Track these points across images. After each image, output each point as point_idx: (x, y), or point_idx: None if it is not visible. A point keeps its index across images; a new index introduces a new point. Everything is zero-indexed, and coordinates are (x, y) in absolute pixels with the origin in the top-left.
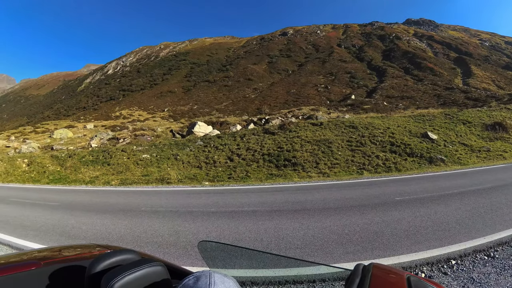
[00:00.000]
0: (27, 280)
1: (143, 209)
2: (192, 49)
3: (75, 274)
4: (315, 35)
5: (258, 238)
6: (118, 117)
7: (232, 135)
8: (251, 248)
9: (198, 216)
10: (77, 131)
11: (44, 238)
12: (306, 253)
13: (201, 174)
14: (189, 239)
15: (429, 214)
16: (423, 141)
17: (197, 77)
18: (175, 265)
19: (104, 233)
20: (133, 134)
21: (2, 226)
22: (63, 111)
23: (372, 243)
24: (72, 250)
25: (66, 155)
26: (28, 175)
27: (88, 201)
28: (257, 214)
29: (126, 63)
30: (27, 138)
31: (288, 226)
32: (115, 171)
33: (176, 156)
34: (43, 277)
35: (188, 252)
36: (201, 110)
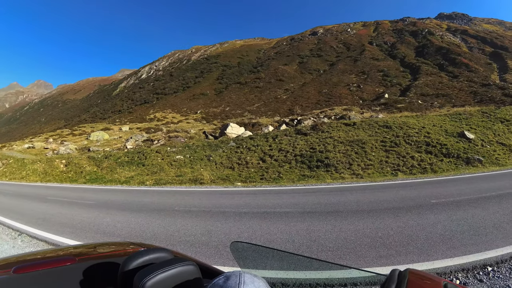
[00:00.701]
0: (62, 275)
1: (177, 208)
2: (223, 52)
3: (109, 270)
4: (346, 33)
5: (290, 240)
6: (152, 119)
7: (264, 136)
8: (282, 250)
9: (230, 216)
10: (113, 133)
11: (80, 235)
12: (338, 256)
13: (233, 175)
14: (221, 239)
15: (465, 217)
16: (460, 141)
17: (229, 79)
18: (206, 264)
19: (138, 231)
20: (167, 136)
21: (40, 223)
22: (99, 114)
23: (406, 247)
24: (106, 247)
25: (103, 156)
26: (65, 175)
27: (123, 200)
28: (289, 215)
29: (159, 67)
30: (65, 140)
31: (320, 228)
32: (149, 171)
33: (209, 157)
34: (77, 273)
35: (219, 252)
36: (233, 111)
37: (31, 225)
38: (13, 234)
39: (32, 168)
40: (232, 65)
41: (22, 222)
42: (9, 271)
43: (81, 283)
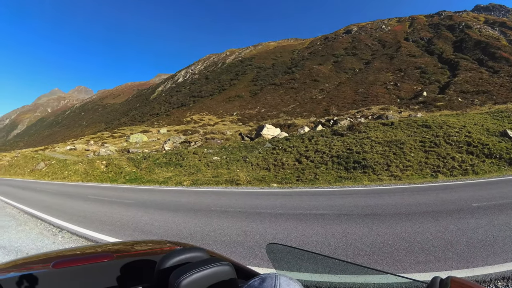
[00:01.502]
0: (100, 271)
1: (213, 208)
2: (257, 54)
3: (145, 268)
4: (380, 30)
5: (326, 242)
6: (189, 122)
7: (300, 137)
8: (317, 253)
9: (266, 217)
10: (151, 135)
11: (118, 233)
12: (375, 260)
13: (269, 176)
14: (256, 239)
15: (508, 222)
16: (502, 140)
17: (263, 80)
18: (241, 265)
19: (175, 230)
20: (204, 138)
21: (81, 220)
22: (138, 118)
23: (445, 253)
24: (143, 245)
25: (141, 158)
26: (106, 175)
27: (161, 200)
28: (325, 217)
29: (195, 71)
30: (105, 142)
31: (357, 231)
32: (187, 172)
33: (245, 158)
34: (115, 269)
35: (254, 253)
36: (268, 113)
37: (72, 222)
38: (54, 230)
39: (74, 168)
40: (266, 67)
41: (63, 219)
42: (48, 266)
43: (118, 279)
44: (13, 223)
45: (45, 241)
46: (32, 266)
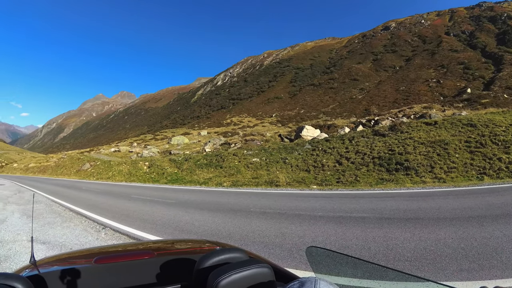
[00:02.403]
0: (140, 268)
1: (252, 209)
2: (295, 55)
3: (184, 266)
4: (420, 25)
5: (366, 247)
6: (229, 124)
7: (340, 138)
8: (357, 257)
9: (305, 219)
10: (192, 137)
11: (159, 231)
12: (416, 266)
13: (309, 177)
14: (295, 241)
15: None
16: None
17: (302, 81)
18: (280, 267)
19: (215, 230)
20: (243, 139)
21: (123, 219)
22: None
23: (489, 261)
24: (183, 244)
25: (183, 159)
26: (148, 176)
27: (201, 200)
28: (365, 221)
29: (233, 73)
30: (148, 144)
31: (398, 236)
32: (227, 173)
33: (285, 160)
34: (155, 267)
35: (292, 255)
36: (308, 114)
37: (115, 220)
38: (97, 227)
39: (118, 169)
40: (304, 67)
41: (107, 217)
42: (90, 261)
43: (157, 276)
44: (58, 220)
45: (88, 237)
46: (75, 261)
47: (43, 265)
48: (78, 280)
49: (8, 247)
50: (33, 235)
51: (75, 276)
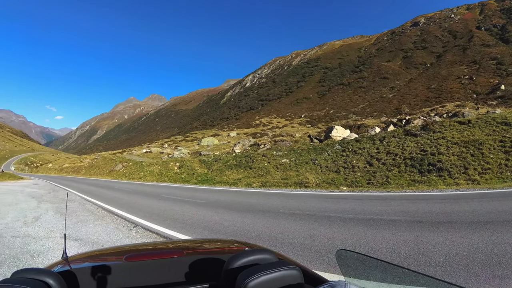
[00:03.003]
0: (170, 266)
1: (281, 210)
2: (323, 54)
3: (213, 266)
4: (449, 20)
5: (396, 250)
6: (258, 125)
7: (371, 138)
8: (387, 261)
9: (335, 221)
10: (222, 138)
11: (189, 230)
12: (447, 272)
13: (339, 179)
14: (324, 244)
15: None
16: None
17: (331, 81)
18: (308, 269)
19: (243, 231)
20: (272, 140)
21: (154, 218)
22: (209, 122)
23: None
24: (212, 244)
25: (213, 160)
26: (179, 176)
27: (231, 200)
28: (396, 223)
29: (262, 75)
30: (179, 145)
31: (430, 240)
32: (256, 174)
33: (314, 161)
34: (184, 265)
35: (321, 257)
36: (337, 114)
37: (146, 218)
38: (128, 226)
39: (149, 170)
40: (333, 67)
41: (138, 216)
42: (121, 258)
43: (186, 275)
44: (91, 218)
45: (120, 235)
46: (106, 258)
47: (75, 261)
48: (108, 276)
49: (41, 243)
50: (66, 232)
51: (105, 273)
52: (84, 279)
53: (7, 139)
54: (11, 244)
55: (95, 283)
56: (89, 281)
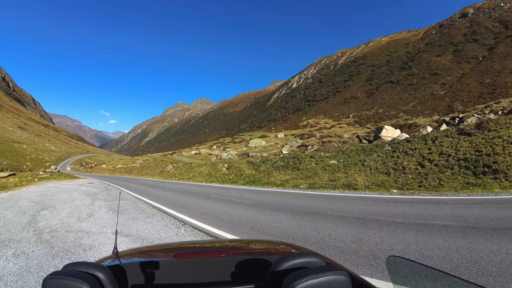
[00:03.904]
0: (216, 265)
1: (329, 213)
2: (369, 52)
3: (259, 267)
4: (499, 9)
5: (447, 258)
6: (305, 126)
7: (422, 138)
8: (438, 269)
9: (384, 225)
10: (269, 140)
11: (236, 230)
12: (500, 283)
13: (389, 181)
14: (372, 248)
15: None
16: None
17: (379, 79)
18: (356, 274)
19: (290, 232)
20: (320, 141)
21: (202, 217)
22: (256, 124)
23: None
24: (258, 244)
25: (260, 161)
26: (227, 177)
27: (278, 201)
28: (448, 229)
29: (308, 75)
30: (227, 147)
31: (484, 248)
32: (303, 175)
33: (363, 162)
34: (231, 265)
35: (369, 262)
36: (386, 113)
37: (194, 217)
38: (177, 224)
39: (198, 170)
40: (380, 64)
41: (187, 214)
42: (169, 255)
43: (232, 274)
44: (142, 216)
45: (169, 232)
46: (155, 254)
47: (125, 256)
48: (156, 272)
49: (94, 238)
50: (118, 229)
51: (154, 269)
52: (133, 274)
53: (63, 142)
54: (64, 238)
55: (143, 278)
56: (137, 276)
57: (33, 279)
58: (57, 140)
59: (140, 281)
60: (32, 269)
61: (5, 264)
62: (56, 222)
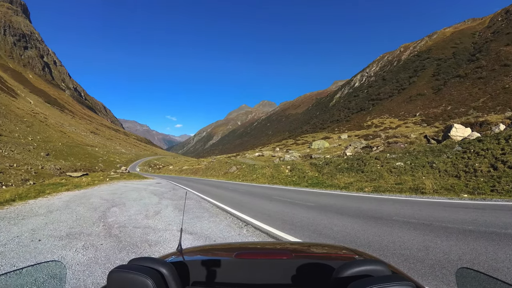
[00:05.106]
0: (277, 267)
1: (395, 218)
2: (433, 44)
3: (320, 271)
4: None
5: None
6: (369, 126)
7: (495, 137)
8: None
9: (453, 233)
10: (332, 141)
11: (298, 232)
12: None
13: (459, 184)
14: (439, 258)
15: None
16: None
17: (445, 73)
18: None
19: (353, 237)
20: (385, 142)
21: (265, 218)
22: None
23: None
24: (320, 248)
25: (323, 163)
26: (289, 179)
27: (341, 205)
28: None
29: (370, 73)
30: (289, 149)
31: None
32: (368, 178)
33: (432, 164)
34: (292, 268)
35: (434, 272)
36: (455, 110)
37: (257, 218)
38: (240, 224)
39: (261, 172)
40: (446, 57)
41: (249, 215)
42: (231, 255)
43: (293, 278)
44: (206, 215)
45: (231, 232)
46: (217, 253)
47: (188, 253)
48: (218, 270)
49: (159, 234)
50: (182, 227)
51: (215, 267)
52: (195, 271)
53: (133, 145)
54: (132, 233)
55: (205, 275)
56: (200, 273)
57: (99, 269)
58: (127, 143)
59: (201, 278)
60: (99, 261)
61: (74, 255)
62: (124, 218)
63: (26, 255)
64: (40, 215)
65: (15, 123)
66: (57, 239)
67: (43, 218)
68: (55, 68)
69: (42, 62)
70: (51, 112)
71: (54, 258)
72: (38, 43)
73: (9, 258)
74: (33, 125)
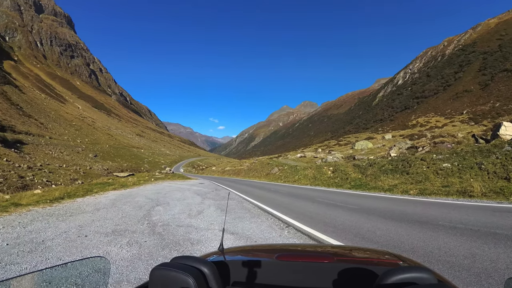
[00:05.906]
0: (318, 271)
1: (440, 223)
2: (478, 37)
3: (363, 277)
4: None
5: None
6: (414, 125)
7: None
8: None
9: (501, 240)
10: (376, 141)
11: (340, 236)
12: None
13: (508, 187)
14: (485, 266)
15: None
16: None
17: (493, 68)
18: None
19: (397, 242)
20: (432, 142)
21: (307, 220)
22: (362, 125)
23: None
24: (362, 252)
25: (367, 164)
26: (332, 181)
27: (385, 208)
28: None
29: (414, 69)
30: (332, 149)
31: None
32: (413, 180)
33: (480, 165)
34: (333, 272)
35: (480, 281)
36: (504, 107)
37: (298, 220)
38: (281, 225)
39: (303, 173)
40: (492, 50)
41: (291, 217)
42: (272, 256)
43: (334, 282)
44: (247, 215)
45: (272, 233)
46: (258, 254)
47: (229, 253)
48: (258, 271)
49: (201, 233)
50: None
51: (256, 267)
52: (236, 271)
53: (177, 147)
54: (175, 232)
55: (245, 276)
56: (240, 273)
57: (142, 265)
58: (171, 145)
59: (242, 278)
60: (142, 257)
61: (119, 251)
62: (168, 217)
63: (72, 249)
64: (87, 213)
65: (64, 127)
66: (103, 235)
67: (90, 215)
68: (101, 75)
69: (88, 70)
70: (98, 116)
71: (99, 253)
72: (83, 52)
73: (56, 252)
74: (81, 128)
